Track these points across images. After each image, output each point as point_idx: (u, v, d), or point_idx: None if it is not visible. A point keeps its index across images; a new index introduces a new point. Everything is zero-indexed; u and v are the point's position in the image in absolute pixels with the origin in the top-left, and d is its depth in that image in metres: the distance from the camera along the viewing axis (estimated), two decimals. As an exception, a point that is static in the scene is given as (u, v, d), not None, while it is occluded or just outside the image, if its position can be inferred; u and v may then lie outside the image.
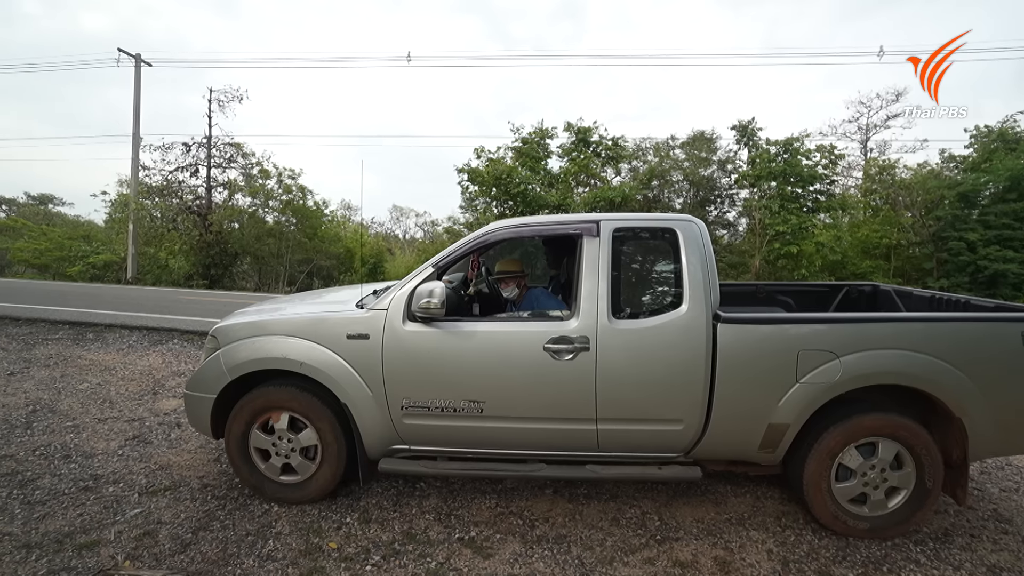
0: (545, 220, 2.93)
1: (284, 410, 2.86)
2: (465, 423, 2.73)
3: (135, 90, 17.92)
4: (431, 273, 2.78)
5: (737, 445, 2.69)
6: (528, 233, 2.95)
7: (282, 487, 2.94)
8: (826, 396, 2.53)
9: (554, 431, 2.72)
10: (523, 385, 2.67)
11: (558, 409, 2.68)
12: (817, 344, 2.53)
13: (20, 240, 20.70)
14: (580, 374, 2.61)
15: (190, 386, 2.96)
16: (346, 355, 2.76)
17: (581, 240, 2.76)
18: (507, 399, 2.70)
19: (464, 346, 2.70)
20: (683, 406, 2.60)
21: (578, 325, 2.64)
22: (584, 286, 2.68)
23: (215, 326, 3.07)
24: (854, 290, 4.11)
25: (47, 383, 5.03)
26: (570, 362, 2.61)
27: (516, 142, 16.87)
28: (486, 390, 2.70)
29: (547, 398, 2.67)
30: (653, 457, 2.77)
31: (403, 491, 3.13)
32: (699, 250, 2.69)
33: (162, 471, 3.34)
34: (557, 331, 2.65)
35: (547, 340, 2.63)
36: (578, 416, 2.66)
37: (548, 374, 2.63)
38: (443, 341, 2.70)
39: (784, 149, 14.68)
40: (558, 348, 2.61)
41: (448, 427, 2.75)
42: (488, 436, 2.78)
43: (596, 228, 2.75)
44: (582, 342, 2.60)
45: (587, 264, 2.70)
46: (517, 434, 2.76)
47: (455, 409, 2.71)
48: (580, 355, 2.60)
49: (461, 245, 2.85)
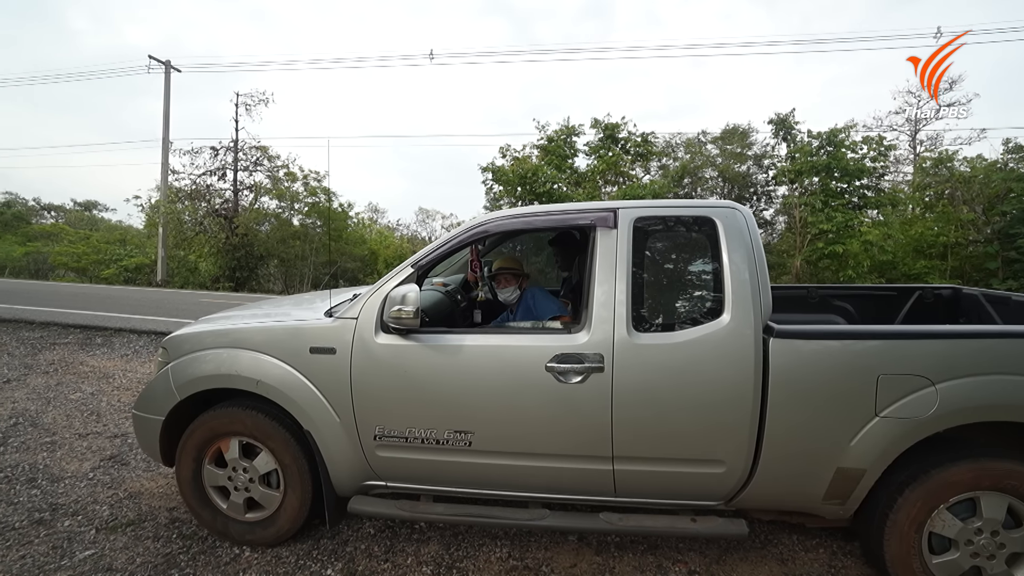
0: (550, 209, 2.38)
1: (231, 435, 2.43)
2: (450, 458, 2.23)
3: (165, 96, 18.24)
4: (410, 274, 2.28)
5: (794, 494, 2.10)
6: (529, 225, 2.38)
7: (250, 526, 2.51)
8: (916, 435, 1.93)
9: (559, 471, 2.20)
10: (520, 413, 2.16)
11: (564, 444, 2.16)
12: (904, 366, 1.93)
13: (60, 245, 21.41)
14: (592, 400, 2.09)
15: (138, 405, 2.56)
16: (308, 372, 2.30)
17: (594, 233, 2.22)
18: (501, 430, 2.19)
19: (448, 364, 2.21)
20: (725, 443, 2.04)
21: (589, 339, 2.11)
22: (597, 291, 2.14)
23: (167, 336, 2.67)
24: (929, 294, 3.43)
25: (40, 392, 4.80)
26: (579, 385, 2.08)
27: (542, 140, 16.35)
28: (475, 419, 2.19)
29: (550, 430, 2.15)
30: (685, 505, 2.22)
31: (398, 533, 2.65)
32: (744, 245, 2.12)
33: (130, 500, 2.96)
34: (563, 346, 2.12)
35: (551, 358, 2.11)
36: (589, 453, 2.13)
37: (552, 400, 2.12)
38: (422, 357, 2.22)
39: (828, 141, 13.67)
40: (564, 368, 2.09)
41: (429, 462, 2.26)
42: (478, 475, 2.27)
43: (613, 218, 2.21)
44: (594, 360, 2.08)
45: (601, 263, 2.17)
46: (513, 473, 2.24)
47: (437, 441, 2.21)
48: (592, 377, 2.07)
49: (448, 240, 2.35)
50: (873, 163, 13.72)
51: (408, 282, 2.25)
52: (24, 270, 21.42)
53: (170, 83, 18.55)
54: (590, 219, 2.23)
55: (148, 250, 20.35)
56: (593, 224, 2.22)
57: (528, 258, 5.67)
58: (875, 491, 2.03)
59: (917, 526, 1.97)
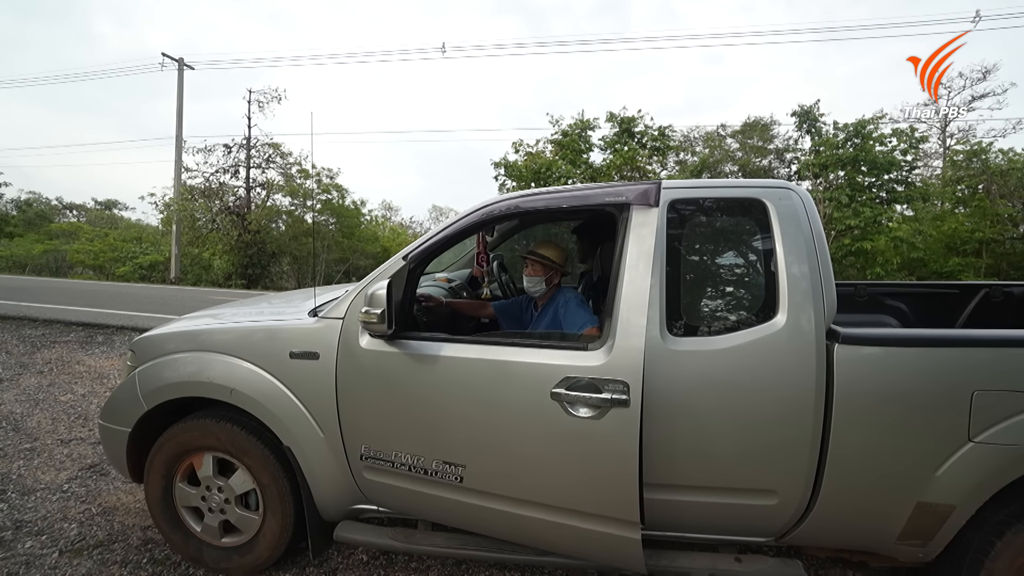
0: (573, 188, 1.96)
1: (204, 450, 2.14)
2: (439, 493, 1.87)
3: (178, 93, 18.23)
4: (400, 268, 1.91)
5: (861, 531, 1.75)
6: (545, 205, 1.93)
7: (226, 552, 2.22)
8: (1021, 467, 1.56)
9: (570, 531, 1.73)
10: (520, 449, 1.74)
11: (573, 497, 1.70)
12: (1007, 381, 1.56)
13: (77, 243, 21.61)
14: (609, 443, 1.59)
15: (103, 415, 2.29)
16: (288, 380, 2.00)
17: (627, 215, 1.73)
18: (497, 468, 1.79)
19: (435, 379, 1.84)
20: (778, 470, 1.69)
21: (610, 359, 1.61)
22: (626, 290, 1.65)
23: (136, 337, 2.39)
24: (997, 292, 3.01)
25: (30, 393, 4.60)
26: (593, 422, 1.60)
27: (556, 135, 15.96)
28: (466, 450, 1.81)
29: (557, 475, 1.71)
30: (729, 541, 1.87)
31: (394, 561, 2.34)
32: (802, 233, 1.76)
33: (103, 517, 2.69)
34: (574, 367, 1.66)
35: (558, 381, 1.66)
36: (607, 514, 1.65)
37: (558, 437, 1.66)
38: (406, 369, 1.86)
39: (855, 133, 13.08)
40: (573, 397, 1.63)
41: (417, 493, 1.91)
42: (472, 517, 1.90)
43: (655, 193, 1.70)
44: (616, 390, 1.59)
45: (633, 253, 1.67)
46: (514, 524, 1.82)
47: (425, 471, 1.86)
48: (612, 413, 1.60)
49: (447, 226, 1.98)
50: (903, 156, 13.10)
51: (383, 278, 1.87)
52: (44, 268, 21.66)
53: (183, 81, 18.55)
54: (626, 196, 1.73)
55: (163, 248, 20.43)
56: (628, 202, 1.72)
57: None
58: (966, 532, 1.67)
59: None
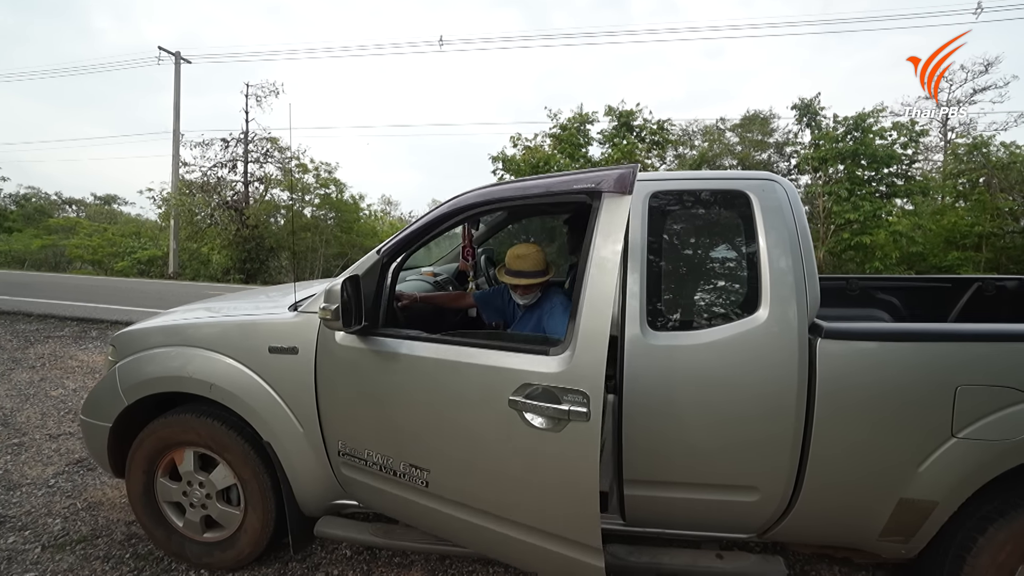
0: (541, 177, 1.80)
1: (185, 446, 2.12)
2: (407, 496, 1.83)
3: (175, 87, 18.15)
4: (375, 263, 1.89)
5: (844, 527, 1.73)
6: (514, 195, 1.82)
7: (208, 547, 2.21)
8: (1005, 462, 1.54)
9: (532, 550, 1.61)
10: (480, 459, 1.65)
11: (533, 514, 1.58)
12: (991, 376, 1.53)
13: (76, 238, 21.58)
14: (568, 460, 1.45)
15: (85, 410, 2.27)
16: (268, 375, 1.98)
17: (599, 204, 1.54)
18: (459, 476, 1.71)
19: (398, 377, 1.79)
20: (759, 466, 1.67)
21: (571, 365, 1.43)
22: (590, 289, 1.45)
23: (117, 332, 2.37)
24: (990, 285, 2.98)
25: (21, 388, 4.59)
26: (550, 434, 1.46)
27: (554, 128, 15.89)
28: (430, 454, 1.75)
29: (516, 490, 1.60)
30: (710, 537, 1.85)
31: (378, 556, 2.32)
32: (786, 226, 1.73)
33: (88, 512, 2.69)
34: (532, 373, 1.50)
35: (515, 388, 1.52)
36: (567, 535, 1.52)
37: (516, 448, 1.54)
38: (373, 365, 1.82)
39: (855, 127, 12.99)
40: (531, 406, 1.47)
41: (389, 494, 1.88)
42: (439, 524, 1.83)
43: (629, 179, 1.51)
44: (574, 401, 1.41)
45: (601, 246, 1.51)
46: (479, 536, 1.73)
47: (394, 472, 1.82)
48: (571, 427, 1.42)
49: (419, 220, 1.93)
50: (903, 149, 13.02)
51: (373, 271, 1.85)
52: (43, 263, 21.66)
53: (180, 75, 18.46)
54: (596, 183, 1.56)
55: (161, 242, 20.40)
56: (599, 190, 1.55)
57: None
58: (948, 527, 1.65)
59: (1006, 574, 1.58)
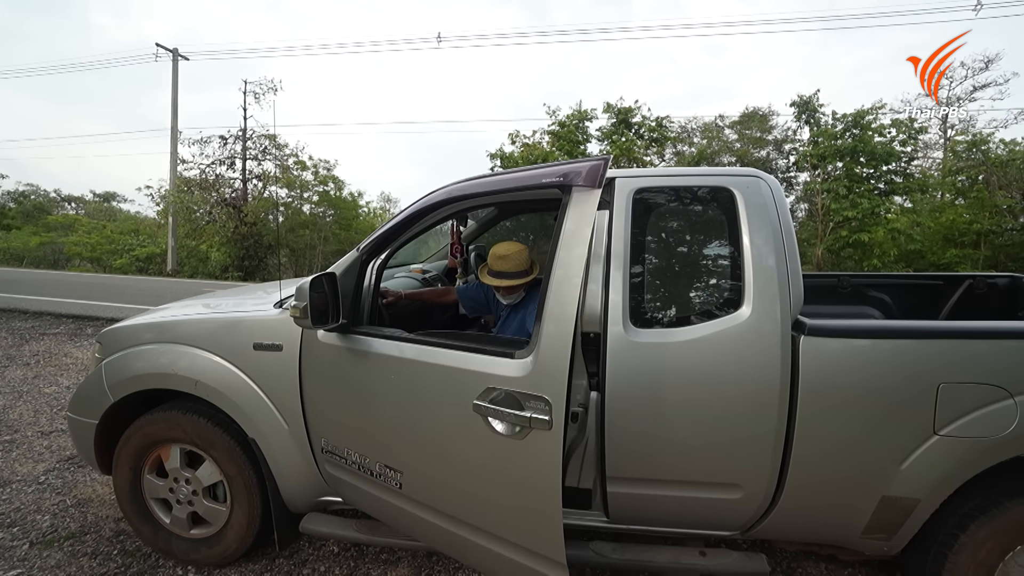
0: (512, 171, 1.75)
1: (171, 442, 2.13)
2: (384, 496, 1.82)
3: (173, 84, 18.10)
4: (354, 260, 1.89)
5: (826, 525, 1.73)
6: (483, 189, 1.77)
7: (195, 544, 2.21)
8: (987, 459, 1.54)
9: (500, 561, 1.56)
10: (449, 463, 1.63)
11: (500, 523, 1.55)
12: (973, 373, 1.53)
13: (74, 235, 21.56)
14: (533, 468, 1.39)
15: (71, 407, 2.27)
16: (252, 372, 1.98)
17: (568, 198, 1.46)
18: (429, 480, 1.70)
19: (371, 377, 1.78)
20: (742, 463, 1.67)
21: (533, 371, 1.37)
22: (555, 286, 1.38)
23: (103, 329, 2.37)
24: (981, 283, 2.97)
25: (15, 385, 4.59)
26: (514, 441, 1.40)
27: (553, 125, 15.88)
28: (402, 456, 1.74)
29: (483, 497, 1.57)
30: (694, 535, 1.85)
31: (365, 553, 2.32)
32: (769, 222, 1.73)
33: (77, 508, 2.69)
34: (496, 376, 1.45)
35: (480, 392, 1.46)
36: (533, 547, 1.47)
37: (482, 454, 1.51)
38: (350, 364, 1.82)
39: (854, 124, 12.97)
40: (494, 411, 1.41)
41: (367, 493, 1.87)
42: (414, 527, 1.81)
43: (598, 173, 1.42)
44: (536, 408, 1.34)
45: (567, 243, 1.42)
46: (451, 541, 1.70)
47: (371, 472, 1.81)
48: (534, 435, 1.36)
49: (395, 217, 1.93)
50: (902, 147, 13.00)
51: (352, 270, 1.86)
52: (42, 260, 21.64)
53: (178, 71, 18.40)
54: (565, 176, 1.46)
55: (160, 240, 20.37)
56: (568, 184, 1.45)
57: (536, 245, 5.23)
58: (930, 525, 1.65)
59: (985, 571, 1.58)
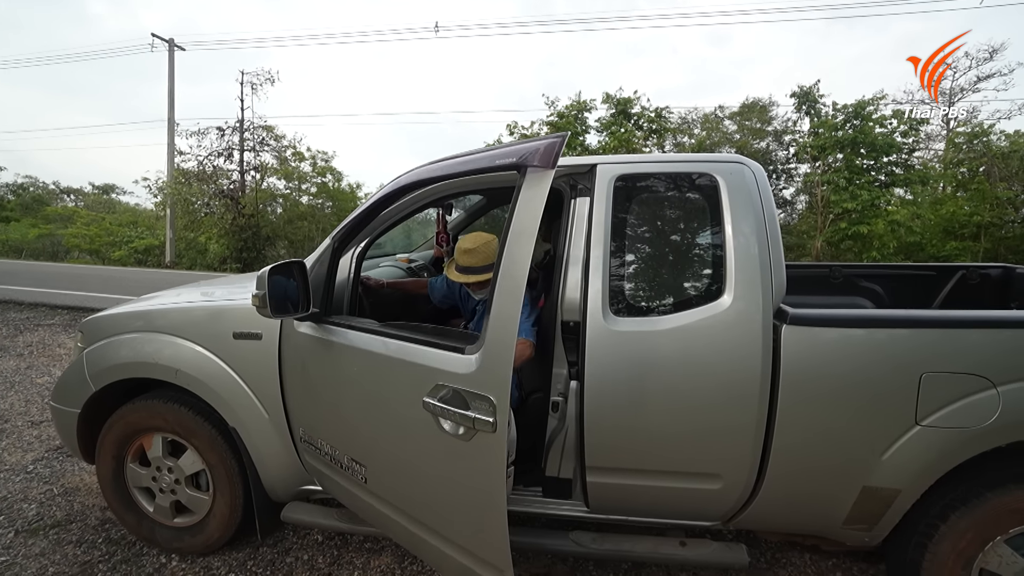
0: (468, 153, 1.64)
1: (153, 431, 2.12)
2: (352, 489, 1.80)
3: (169, 75, 17.96)
4: (325, 248, 1.88)
5: (807, 515, 1.72)
6: (441, 173, 1.69)
7: (178, 532, 2.22)
8: (968, 450, 1.52)
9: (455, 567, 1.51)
10: (405, 460, 1.60)
11: (450, 527, 1.51)
12: (956, 363, 1.51)
13: (73, 227, 21.53)
14: (475, 472, 1.36)
15: (54, 396, 2.26)
16: (232, 361, 1.97)
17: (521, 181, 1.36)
18: (389, 476, 1.67)
19: (337, 368, 1.77)
20: (722, 454, 1.65)
21: (479, 368, 1.31)
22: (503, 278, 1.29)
23: (86, 318, 2.35)
24: (974, 274, 2.95)
25: (7, 376, 4.58)
26: (461, 442, 1.34)
27: (552, 116, 15.78)
28: (365, 450, 1.71)
29: (437, 498, 1.53)
30: (674, 525, 1.84)
31: (348, 542, 2.32)
32: (753, 210, 1.70)
33: (63, 497, 2.69)
34: (445, 372, 1.38)
35: (429, 388, 1.40)
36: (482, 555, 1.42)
37: (433, 453, 1.46)
38: (320, 354, 1.81)
39: (855, 115, 12.87)
40: (441, 409, 1.35)
41: (339, 485, 1.86)
42: (379, 520, 1.78)
43: (552, 152, 1.30)
44: (482, 409, 1.27)
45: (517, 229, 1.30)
46: (413, 541, 1.67)
47: (341, 464, 1.80)
48: (479, 437, 1.29)
49: (364, 204, 1.90)
50: (903, 138, 12.90)
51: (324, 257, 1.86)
52: (42, 252, 21.62)
53: (174, 62, 18.26)
54: (518, 156, 1.36)
55: (158, 232, 20.33)
56: (521, 164, 1.33)
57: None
58: (911, 515, 1.63)
59: (965, 561, 1.56)
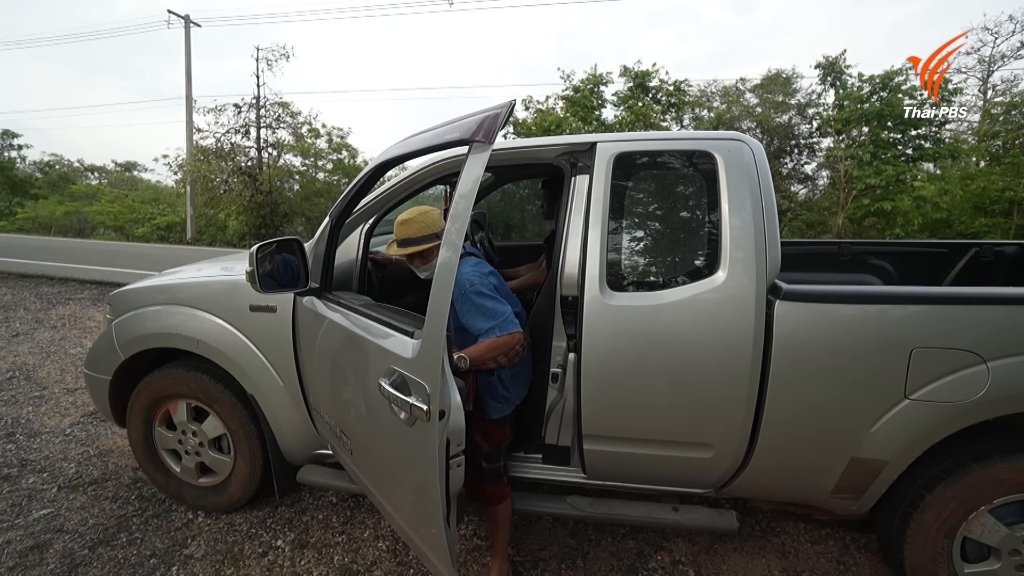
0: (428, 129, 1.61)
1: (178, 398, 2.26)
2: (346, 458, 1.90)
3: (186, 52, 18.05)
4: (325, 226, 1.96)
5: (797, 485, 1.78)
6: (403, 151, 1.68)
7: (203, 491, 2.39)
8: (956, 423, 1.56)
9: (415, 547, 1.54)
10: (373, 439, 1.63)
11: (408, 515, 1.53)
12: (946, 338, 1.53)
13: (97, 204, 22.07)
14: (415, 461, 1.37)
15: (88, 364, 2.42)
16: (249, 332, 2.08)
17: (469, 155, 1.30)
18: (365, 452, 1.71)
19: (329, 342, 1.82)
20: (714, 424, 1.71)
21: (418, 354, 1.29)
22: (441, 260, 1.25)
23: (113, 292, 2.49)
24: (988, 251, 2.90)
25: (43, 346, 4.84)
26: (407, 428, 1.34)
27: (567, 90, 15.48)
28: (348, 423, 1.76)
29: (396, 480, 1.57)
30: (668, 491, 1.92)
31: (360, 503, 2.47)
32: (750, 187, 1.71)
33: (99, 458, 2.89)
34: (396, 357, 1.37)
35: (383, 371, 1.41)
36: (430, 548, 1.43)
37: (391, 435, 1.46)
38: (316, 329, 1.89)
39: (882, 86, 12.38)
40: (388, 394, 1.34)
41: (339, 452, 1.98)
42: (367, 492, 1.84)
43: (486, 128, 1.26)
44: (420, 396, 1.26)
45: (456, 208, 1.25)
46: (387, 515, 1.72)
47: (335, 434, 1.89)
48: (419, 424, 1.28)
49: (353, 183, 1.93)
50: (934, 110, 12.39)
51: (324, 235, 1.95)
52: (69, 229, 22.27)
53: (190, 39, 18.32)
54: (463, 131, 1.32)
55: (179, 209, 20.74)
56: (467, 139, 1.30)
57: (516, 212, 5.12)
58: (898, 485, 1.68)
59: (948, 530, 1.62)
